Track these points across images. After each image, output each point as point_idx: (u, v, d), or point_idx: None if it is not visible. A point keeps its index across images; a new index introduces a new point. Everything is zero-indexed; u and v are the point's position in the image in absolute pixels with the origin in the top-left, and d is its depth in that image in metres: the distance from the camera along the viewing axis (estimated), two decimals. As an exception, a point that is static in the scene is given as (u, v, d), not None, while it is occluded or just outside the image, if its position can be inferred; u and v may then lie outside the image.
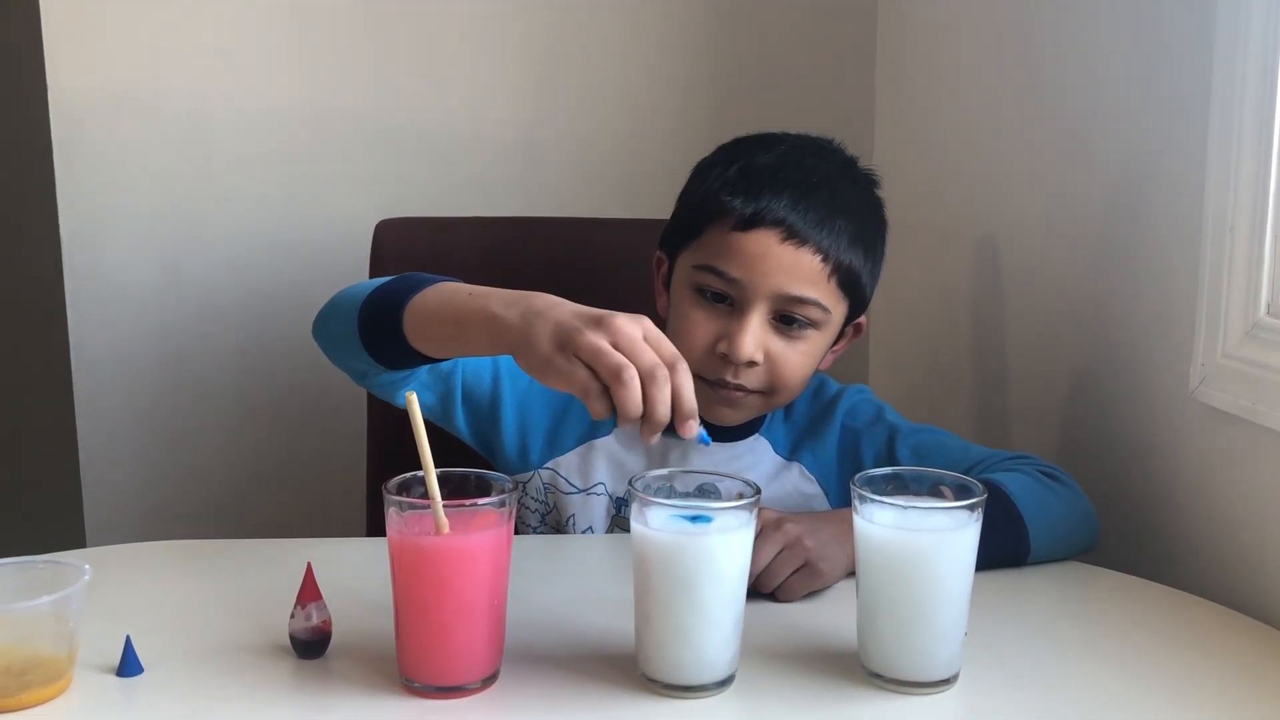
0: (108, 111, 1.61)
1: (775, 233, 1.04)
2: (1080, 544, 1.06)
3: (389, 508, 0.79)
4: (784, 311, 1.05)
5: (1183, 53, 1.08)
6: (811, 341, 1.07)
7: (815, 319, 1.06)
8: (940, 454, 1.11)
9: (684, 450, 1.14)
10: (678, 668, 0.80)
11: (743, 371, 1.06)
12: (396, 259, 1.42)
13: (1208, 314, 1.03)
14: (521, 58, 1.68)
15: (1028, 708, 0.80)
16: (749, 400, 1.09)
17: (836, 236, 1.05)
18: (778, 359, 1.06)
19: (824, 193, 1.06)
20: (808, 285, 1.05)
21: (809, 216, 1.04)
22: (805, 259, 1.04)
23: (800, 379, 1.09)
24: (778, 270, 1.04)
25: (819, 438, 1.16)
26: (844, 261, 1.06)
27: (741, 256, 1.05)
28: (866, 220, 1.10)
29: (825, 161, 1.11)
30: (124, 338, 1.68)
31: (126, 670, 0.81)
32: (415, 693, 0.80)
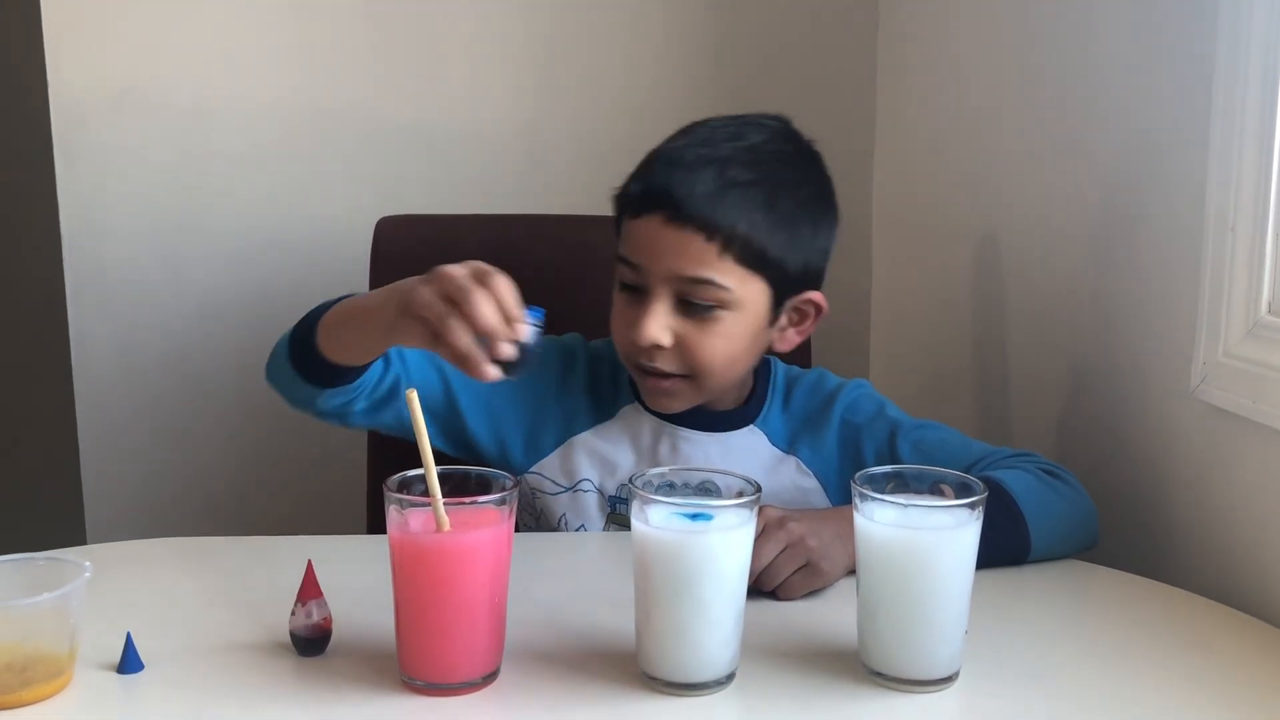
0: (109, 109, 1.61)
1: (660, 215, 1.04)
2: (1080, 542, 1.06)
3: (389, 505, 0.79)
4: (685, 294, 1.05)
5: (1184, 51, 1.08)
6: (726, 323, 1.06)
7: (719, 299, 1.04)
8: (942, 450, 1.10)
9: (673, 442, 1.14)
10: (678, 666, 0.80)
11: (655, 355, 1.06)
12: (397, 256, 1.42)
13: (1209, 313, 1.02)
14: (522, 54, 1.68)
15: (1028, 706, 0.80)
16: (677, 387, 1.08)
17: (725, 211, 1.03)
18: (688, 341, 1.06)
19: (711, 170, 1.04)
20: (699, 265, 1.03)
21: (693, 195, 1.03)
22: (690, 239, 1.03)
23: (723, 361, 1.07)
24: (667, 253, 1.04)
25: (817, 432, 1.15)
26: (738, 238, 1.03)
27: (637, 242, 1.06)
28: (781, 194, 1.06)
29: (742, 139, 1.08)
30: (125, 335, 1.68)
31: (127, 667, 0.81)
32: (415, 690, 0.80)
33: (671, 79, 1.71)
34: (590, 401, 1.17)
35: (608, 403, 1.17)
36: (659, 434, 1.14)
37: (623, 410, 1.16)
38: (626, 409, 1.16)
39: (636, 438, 1.15)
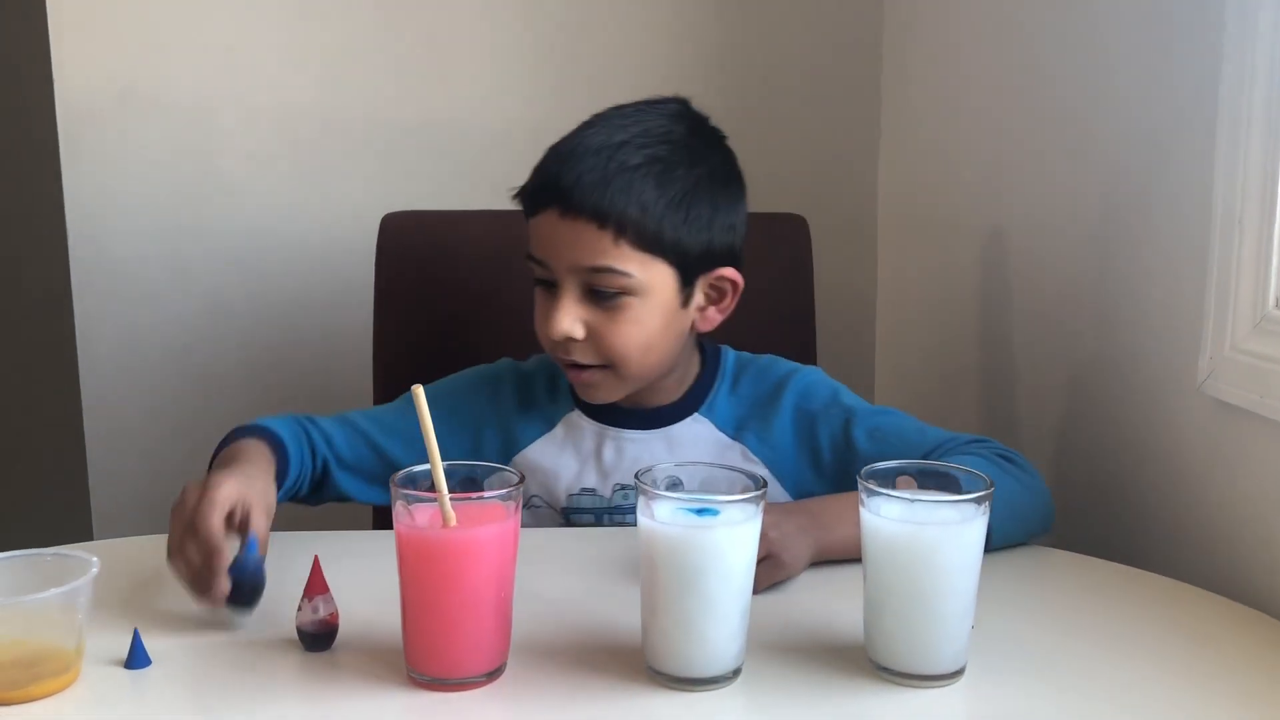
0: (114, 107, 1.62)
1: (554, 210, 1.05)
2: (1037, 526, 1.05)
3: (396, 501, 0.79)
4: (590, 284, 1.05)
5: (1191, 44, 1.08)
6: (635, 310, 1.05)
7: (623, 286, 1.04)
8: (898, 437, 1.10)
9: (617, 443, 1.14)
10: (684, 660, 0.80)
11: (570, 348, 1.07)
12: (402, 252, 1.42)
13: (1216, 307, 1.02)
14: (528, 50, 1.68)
15: (1035, 700, 0.80)
16: (598, 378, 1.09)
17: (614, 197, 1.02)
18: (600, 331, 1.06)
19: (597, 159, 1.04)
20: (596, 255, 1.03)
21: (580, 184, 1.03)
22: (584, 230, 1.03)
23: (637, 348, 1.07)
24: (565, 245, 1.04)
25: (766, 419, 1.14)
26: (630, 222, 1.03)
27: (537, 239, 1.07)
28: (666, 174, 1.05)
29: (636, 124, 1.08)
30: (130, 332, 1.68)
31: (135, 663, 0.82)
32: (422, 685, 0.80)
33: (678, 77, 1.71)
34: (527, 418, 1.17)
35: (547, 415, 1.17)
36: (601, 438, 1.14)
37: (564, 419, 1.16)
38: (567, 417, 1.16)
39: (579, 445, 1.15)
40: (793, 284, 1.45)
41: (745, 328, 1.40)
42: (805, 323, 1.45)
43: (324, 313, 1.70)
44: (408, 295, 1.43)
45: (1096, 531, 1.24)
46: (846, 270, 1.78)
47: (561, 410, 1.17)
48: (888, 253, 1.80)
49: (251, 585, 0.86)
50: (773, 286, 1.45)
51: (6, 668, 0.77)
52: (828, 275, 1.53)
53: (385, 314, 1.43)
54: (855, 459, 1.10)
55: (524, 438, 1.16)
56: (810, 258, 1.46)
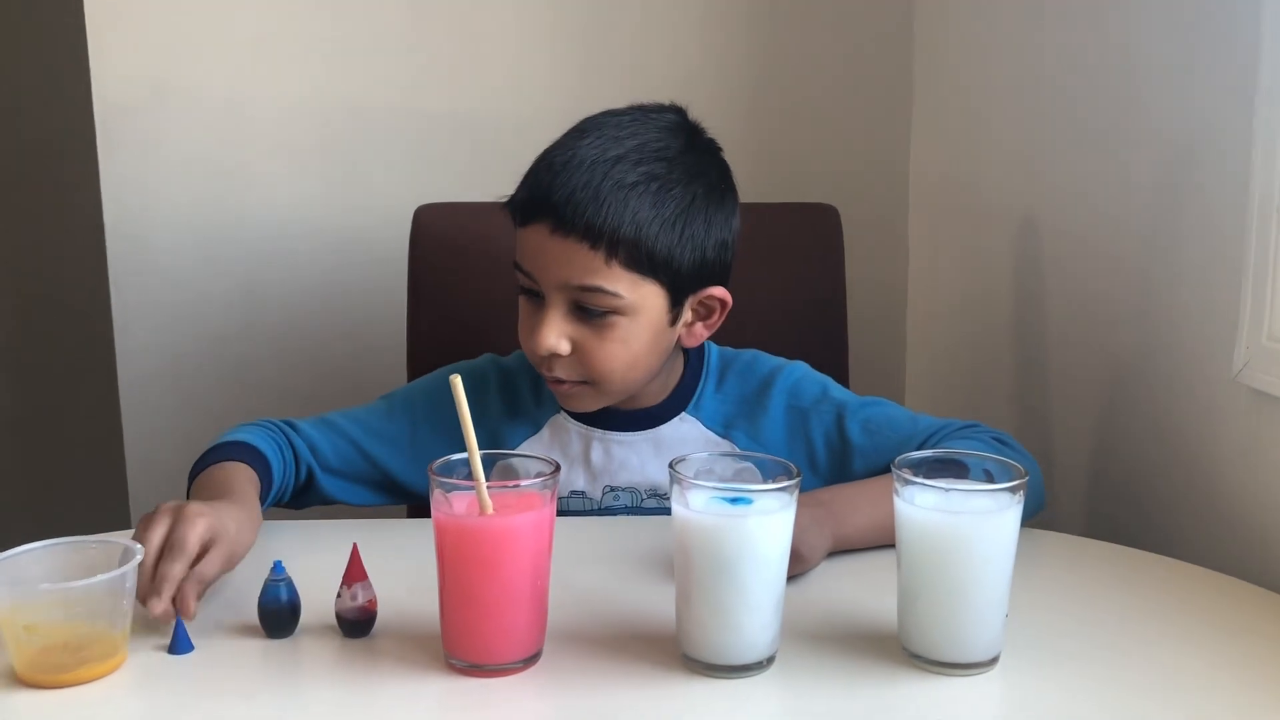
0: (150, 102, 1.63)
1: (545, 225, 1.02)
2: (1031, 509, 1.03)
3: (434, 489, 0.80)
4: (578, 301, 1.03)
5: (1229, 32, 1.07)
6: (622, 329, 1.03)
7: (612, 306, 1.02)
8: (890, 427, 1.10)
9: (605, 446, 1.13)
10: (718, 648, 0.81)
11: (554, 364, 1.05)
12: (435, 244, 1.43)
13: (1252, 297, 1.01)
14: (559, 41, 1.69)
15: (1069, 689, 0.80)
16: (579, 391, 1.08)
17: (609, 217, 1.00)
18: (584, 348, 1.04)
19: (592, 174, 1.01)
20: (587, 274, 1.01)
21: (573, 201, 1.00)
22: (575, 249, 1.01)
23: (622, 366, 1.05)
24: (554, 262, 1.02)
25: (754, 417, 1.14)
26: (623, 243, 1.00)
27: (526, 251, 1.04)
28: (662, 191, 1.02)
29: (631, 137, 1.04)
30: (167, 323, 1.70)
31: (178, 648, 0.83)
32: (459, 671, 0.81)
33: (707, 65, 1.71)
34: (512, 420, 1.15)
35: (532, 417, 1.16)
36: (588, 441, 1.14)
37: (549, 421, 1.15)
38: (553, 419, 1.15)
39: (566, 448, 1.14)
40: (823, 274, 1.45)
41: (776, 318, 1.40)
42: (836, 313, 1.45)
43: (358, 304, 1.71)
44: (441, 287, 1.44)
45: (1132, 521, 1.24)
46: (877, 260, 1.78)
47: (547, 412, 1.15)
48: (919, 242, 1.79)
49: (290, 611, 0.86)
50: (803, 276, 1.45)
51: (55, 652, 0.79)
52: (859, 265, 1.53)
53: (418, 305, 1.44)
54: (850, 453, 1.11)
55: (509, 440, 1.14)
56: (841, 247, 1.45)
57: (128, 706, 0.77)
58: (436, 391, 1.15)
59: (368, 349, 1.71)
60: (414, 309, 1.44)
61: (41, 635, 0.79)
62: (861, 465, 1.10)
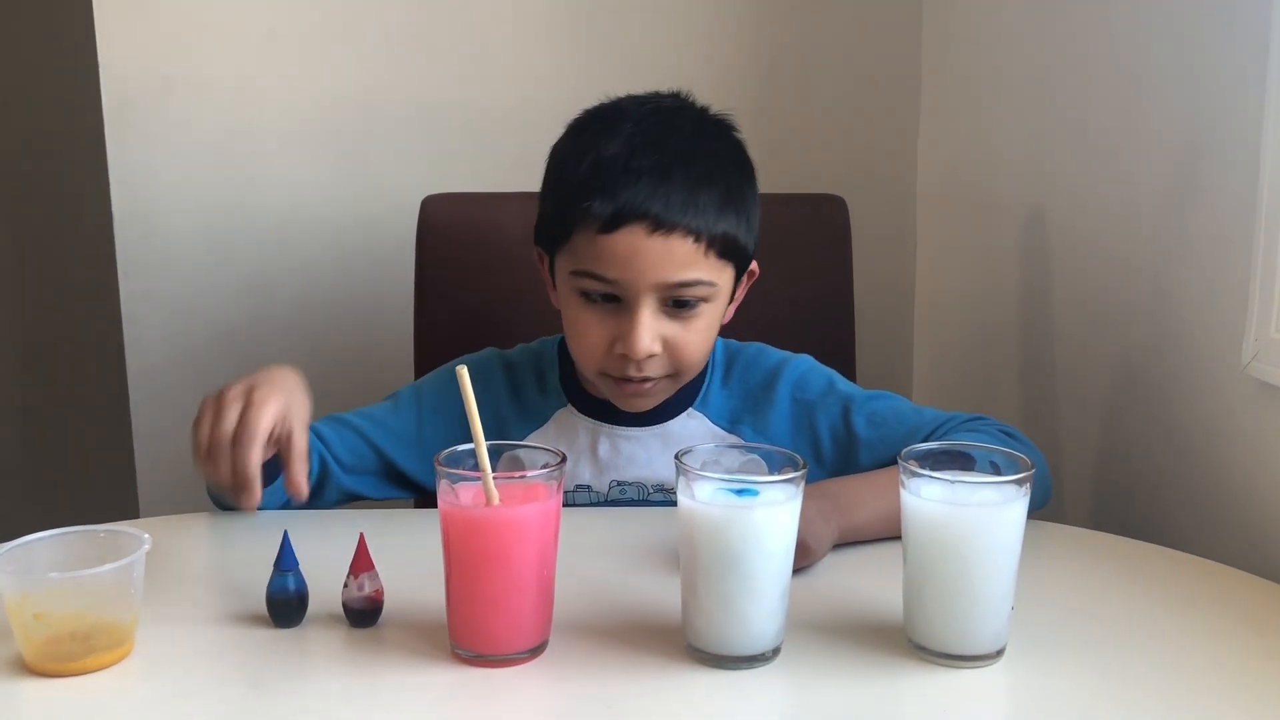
0: (158, 90, 1.64)
1: (641, 227, 1.01)
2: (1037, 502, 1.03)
3: (440, 480, 0.81)
4: (672, 297, 1.04)
5: (1239, 24, 1.06)
6: (706, 316, 1.07)
7: (705, 295, 1.05)
8: (896, 420, 1.11)
9: (612, 440, 1.14)
10: (724, 639, 0.81)
11: (645, 364, 1.05)
12: (442, 234, 1.43)
13: (1261, 288, 1.01)
14: (567, 32, 1.69)
15: (1075, 681, 0.80)
16: (659, 387, 1.09)
17: (703, 212, 1.03)
18: (676, 343, 1.05)
19: (679, 171, 1.03)
20: (687, 269, 1.03)
21: (671, 201, 1.01)
22: (677, 245, 1.02)
23: (703, 352, 1.09)
24: (653, 263, 1.02)
25: (759, 411, 1.14)
26: (717, 233, 1.04)
27: (614, 258, 1.03)
28: (729, 178, 1.06)
29: (674, 131, 1.07)
30: (175, 313, 1.71)
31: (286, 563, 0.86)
32: (465, 661, 0.81)
33: (715, 55, 1.70)
34: (518, 412, 1.16)
35: (538, 410, 1.16)
36: (596, 435, 1.14)
37: (555, 415, 1.16)
38: (559, 413, 1.16)
39: (572, 441, 1.14)
40: (831, 265, 1.45)
41: (783, 309, 1.40)
42: (843, 304, 1.45)
43: (365, 294, 1.71)
44: (448, 276, 1.44)
45: (1138, 514, 1.24)
46: (885, 251, 1.78)
47: (553, 406, 1.16)
48: (927, 233, 1.79)
49: (297, 601, 0.86)
50: (810, 268, 1.45)
51: (63, 641, 0.79)
52: (866, 256, 1.53)
53: (426, 295, 1.44)
54: (856, 446, 1.11)
55: (515, 434, 1.14)
56: (849, 238, 1.45)
57: (135, 695, 0.78)
58: (442, 385, 1.16)
59: (375, 338, 1.71)
60: (421, 298, 1.44)
61: (50, 624, 0.79)
62: (867, 458, 1.10)
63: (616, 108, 1.10)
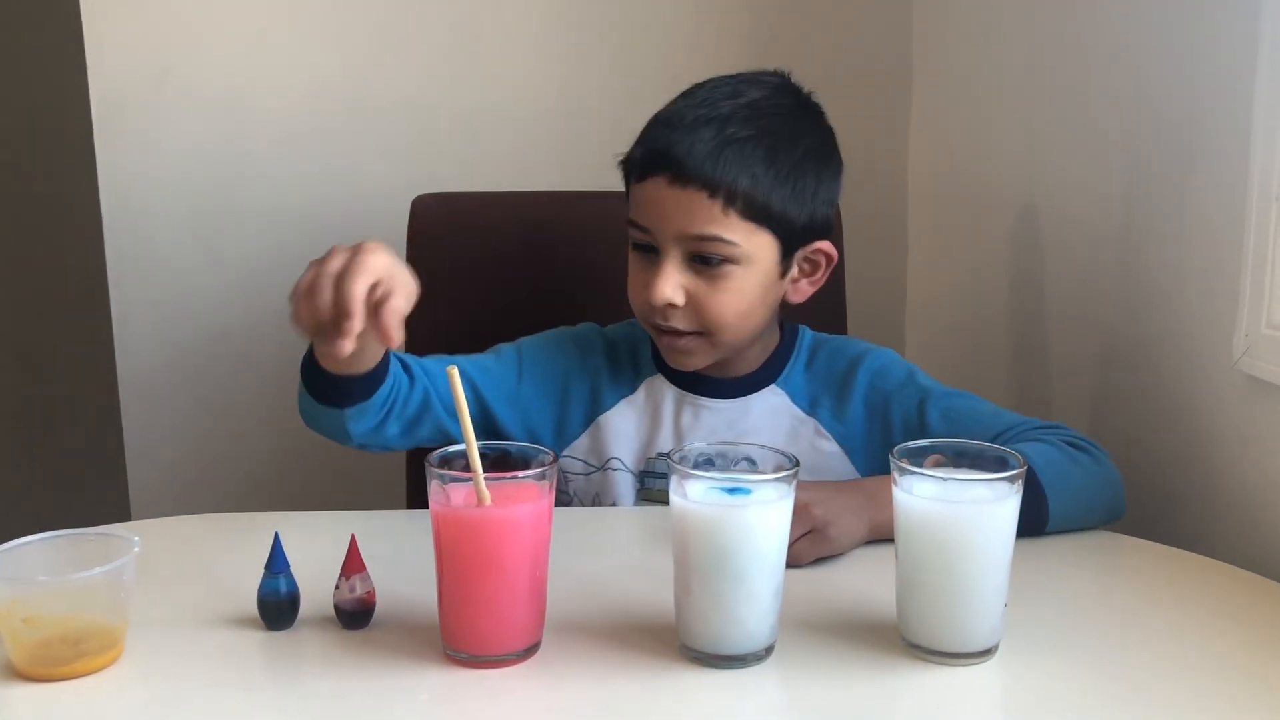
0: (147, 90, 1.63)
1: (663, 177, 1.05)
2: (1102, 515, 1.05)
3: (431, 480, 0.80)
4: (696, 251, 1.06)
5: (1229, 18, 1.07)
6: (737, 279, 1.07)
7: (727, 254, 1.06)
8: (971, 419, 1.10)
9: (695, 410, 1.15)
10: (717, 638, 0.81)
11: (669, 314, 1.08)
12: (433, 234, 1.43)
13: (1251, 284, 1.01)
14: (557, 31, 1.68)
15: (1068, 678, 0.80)
16: (693, 345, 1.10)
17: (725, 168, 1.04)
18: (700, 298, 1.07)
19: (710, 129, 1.05)
20: (705, 223, 1.05)
21: (693, 154, 1.04)
22: (694, 198, 1.04)
23: (735, 315, 1.08)
24: (673, 213, 1.05)
25: (841, 396, 1.15)
26: (740, 193, 1.05)
27: (643, 204, 1.08)
28: (776, 147, 1.07)
29: (733, 95, 1.09)
30: (166, 313, 1.70)
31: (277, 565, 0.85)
32: (458, 662, 0.81)
33: (705, 52, 1.70)
34: (612, 379, 1.18)
35: (629, 378, 1.18)
36: (680, 404, 1.16)
37: (645, 383, 1.18)
38: (648, 381, 1.17)
39: (659, 409, 1.16)
40: (823, 263, 1.44)
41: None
42: (835, 303, 1.44)
43: (356, 294, 1.71)
44: (438, 277, 1.42)
45: (1130, 510, 1.24)
46: (876, 249, 1.77)
47: (644, 374, 1.18)
48: (918, 232, 1.79)
49: (289, 603, 0.86)
50: (803, 266, 1.45)
51: (53, 644, 0.79)
52: (857, 255, 1.53)
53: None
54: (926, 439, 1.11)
55: (607, 400, 1.17)
56: (840, 237, 1.45)
57: (126, 699, 0.77)
58: (542, 346, 1.19)
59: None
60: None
61: (40, 628, 0.78)
62: None
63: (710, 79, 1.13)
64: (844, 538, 0.96)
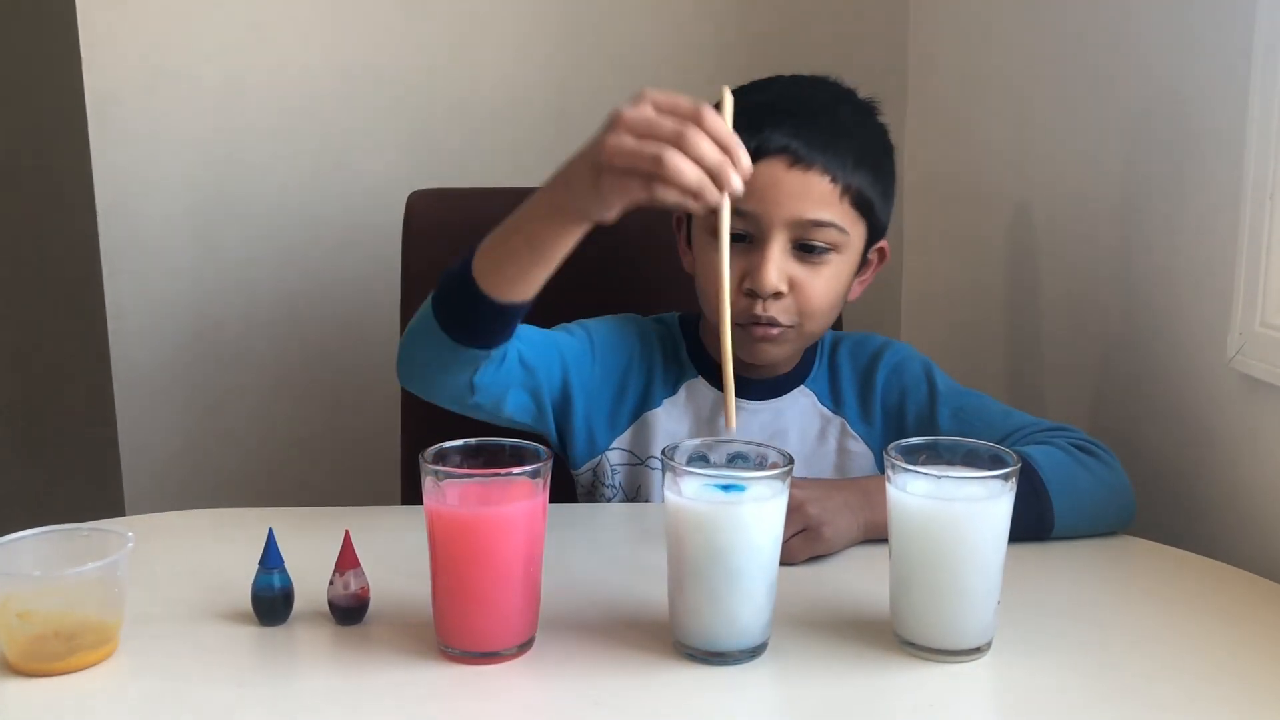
0: (141, 84, 1.62)
1: (781, 159, 1.04)
2: (1110, 521, 1.04)
3: (425, 476, 0.80)
4: (802, 238, 1.05)
5: (1223, 15, 1.07)
6: (834, 266, 1.07)
7: (834, 241, 1.06)
8: (981, 419, 1.10)
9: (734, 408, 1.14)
10: (711, 635, 0.81)
11: (770, 304, 1.06)
12: (429, 229, 1.43)
13: (1246, 282, 1.01)
14: (553, 26, 1.68)
15: (1061, 676, 0.80)
16: (785, 334, 1.08)
17: (842, 157, 1.05)
18: (803, 286, 1.06)
19: (823, 118, 1.06)
20: (822, 207, 1.04)
21: (813, 139, 1.04)
22: (815, 181, 1.04)
23: (828, 305, 1.08)
24: (789, 196, 1.04)
25: (863, 393, 1.16)
26: (853, 182, 1.05)
27: (751, 190, 1.00)
28: (870, 142, 1.09)
29: (821, 91, 1.11)
30: (160, 308, 1.70)
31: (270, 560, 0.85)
32: (452, 658, 0.81)
33: (701, 47, 1.70)
34: (661, 377, 1.17)
35: (674, 377, 1.17)
36: (718, 405, 1.15)
37: (685, 384, 1.17)
38: (690, 383, 1.16)
39: (698, 410, 1.16)
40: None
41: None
42: (831, 299, 1.44)
43: (352, 289, 1.71)
44: (434, 272, 1.42)
45: (1123, 507, 1.24)
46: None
47: (686, 375, 1.17)
48: (913, 231, 1.79)
49: (283, 599, 0.86)
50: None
51: (47, 640, 0.79)
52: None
53: (412, 291, 1.43)
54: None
55: (655, 397, 1.16)
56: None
57: (120, 694, 0.77)
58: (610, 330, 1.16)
59: (361, 334, 1.71)
60: (407, 293, 1.43)
61: (34, 623, 0.78)
62: None
63: (764, 78, 1.13)
64: (838, 537, 0.97)
